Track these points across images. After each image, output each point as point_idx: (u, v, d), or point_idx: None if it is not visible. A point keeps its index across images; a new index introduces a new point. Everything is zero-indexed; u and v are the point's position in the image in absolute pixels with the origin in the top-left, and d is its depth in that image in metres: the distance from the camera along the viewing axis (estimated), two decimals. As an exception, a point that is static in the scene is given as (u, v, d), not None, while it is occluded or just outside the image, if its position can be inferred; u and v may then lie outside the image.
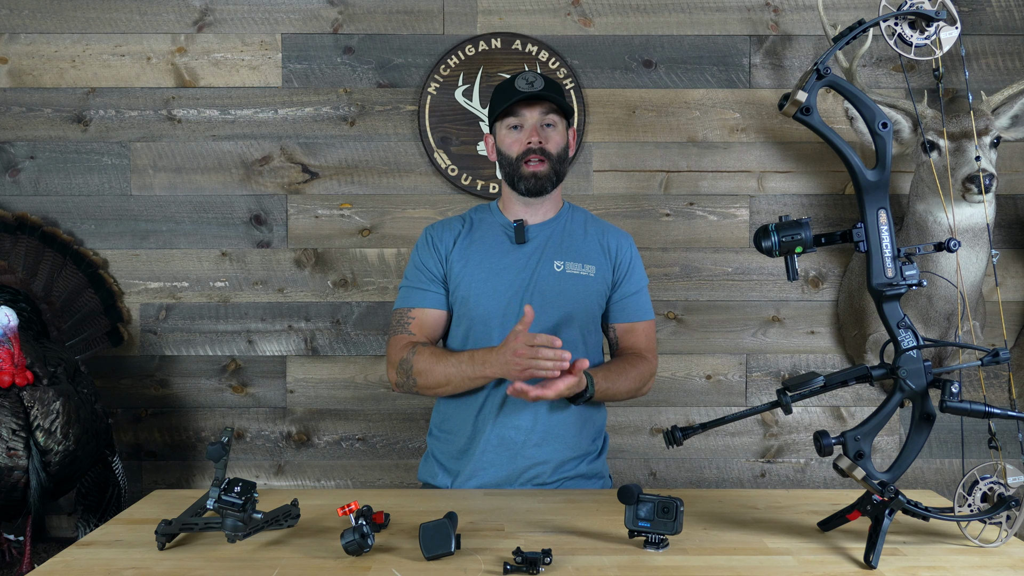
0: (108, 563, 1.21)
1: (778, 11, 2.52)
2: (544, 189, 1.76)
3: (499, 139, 1.79)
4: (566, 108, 1.77)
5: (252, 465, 2.57)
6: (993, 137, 2.18)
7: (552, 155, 1.75)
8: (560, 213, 1.85)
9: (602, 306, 1.83)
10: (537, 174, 1.74)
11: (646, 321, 1.86)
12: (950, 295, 2.23)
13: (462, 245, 1.81)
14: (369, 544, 1.21)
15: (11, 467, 1.95)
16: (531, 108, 1.74)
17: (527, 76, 1.75)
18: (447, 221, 1.87)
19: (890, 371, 1.25)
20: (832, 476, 2.57)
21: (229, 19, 2.51)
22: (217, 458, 1.27)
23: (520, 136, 1.76)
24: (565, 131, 1.80)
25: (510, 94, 1.74)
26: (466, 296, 1.77)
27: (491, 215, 1.86)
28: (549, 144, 1.75)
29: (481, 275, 1.77)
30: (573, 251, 1.80)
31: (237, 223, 2.54)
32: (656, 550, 1.26)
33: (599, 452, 1.85)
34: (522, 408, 1.74)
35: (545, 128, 1.76)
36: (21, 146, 2.52)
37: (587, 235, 1.84)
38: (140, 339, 2.54)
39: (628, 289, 1.84)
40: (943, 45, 1.26)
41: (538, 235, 1.80)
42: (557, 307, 1.76)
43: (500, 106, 1.76)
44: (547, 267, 1.77)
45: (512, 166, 1.77)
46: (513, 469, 1.74)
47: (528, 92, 1.72)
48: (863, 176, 1.23)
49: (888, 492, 1.21)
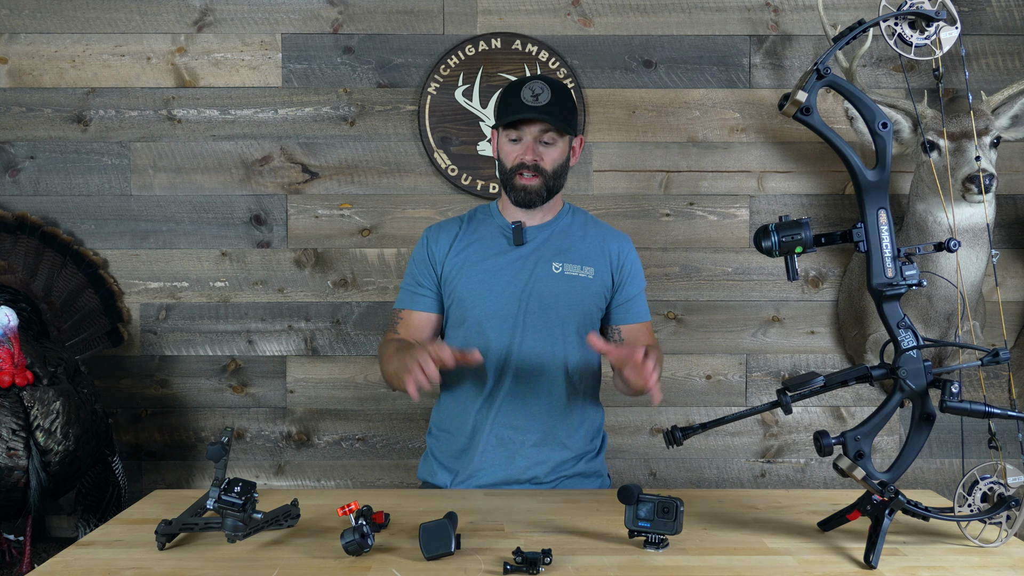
0: (108, 563, 1.21)
1: (778, 11, 2.52)
2: (533, 203, 1.76)
3: (500, 144, 1.79)
4: (566, 130, 1.75)
5: (252, 465, 2.57)
6: (993, 137, 2.18)
7: (547, 172, 1.75)
8: (559, 215, 1.85)
9: (601, 308, 1.83)
10: (527, 188, 1.74)
11: (647, 322, 1.87)
12: (950, 295, 2.23)
13: (459, 245, 1.81)
14: (369, 544, 1.21)
15: (11, 467, 1.95)
16: (531, 124, 1.73)
17: (534, 87, 1.71)
18: (446, 222, 1.88)
19: (890, 371, 1.25)
20: (832, 476, 2.57)
21: (229, 19, 2.51)
22: (217, 458, 1.27)
23: (518, 149, 1.75)
24: (567, 145, 1.78)
25: (513, 106, 1.72)
26: (463, 296, 1.78)
27: (490, 217, 1.86)
28: (544, 161, 1.74)
29: (479, 276, 1.77)
30: (572, 253, 1.80)
31: (237, 223, 2.54)
32: (656, 550, 1.26)
33: (597, 451, 1.85)
34: (520, 408, 1.74)
35: (543, 145, 1.74)
36: (21, 146, 2.52)
37: (587, 237, 1.83)
38: (140, 339, 2.54)
39: (631, 291, 1.84)
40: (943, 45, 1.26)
41: (536, 237, 1.80)
42: (556, 308, 1.76)
43: (503, 117, 1.74)
44: (545, 269, 1.77)
45: (506, 175, 1.77)
46: (512, 469, 1.74)
47: (530, 109, 1.69)
48: (863, 176, 1.22)
49: (888, 492, 1.21)
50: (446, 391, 1.85)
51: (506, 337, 1.75)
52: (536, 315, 1.75)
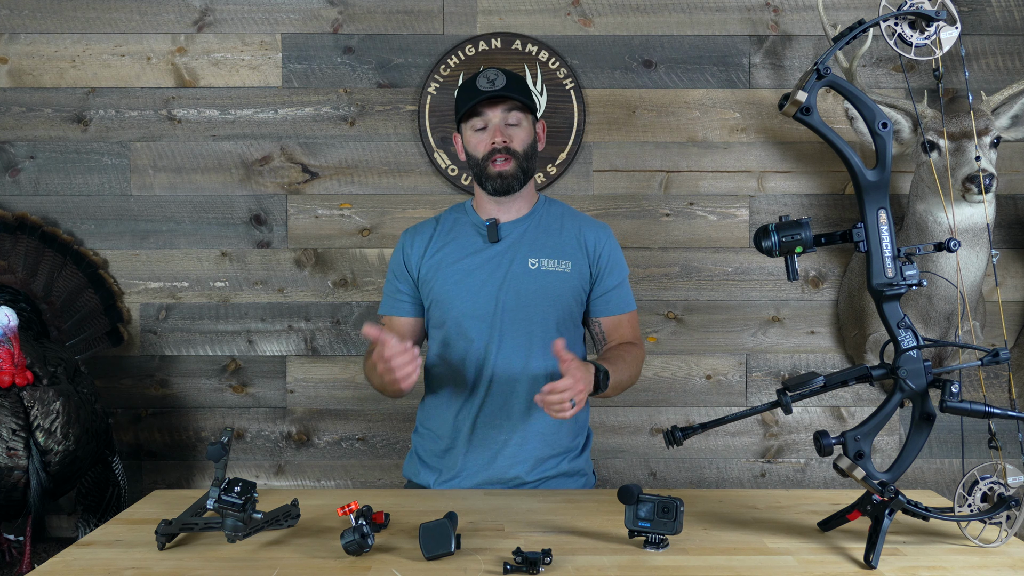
0: (108, 563, 1.21)
1: (778, 11, 2.52)
2: (511, 188, 1.75)
3: (466, 140, 1.79)
4: (529, 105, 1.76)
5: (252, 465, 2.57)
6: (993, 137, 2.18)
7: (518, 153, 1.74)
8: (534, 209, 1.83)
9: (581, 301, 1.81)
10: (503, 173, 1.73)
11: (630, 312, 1.84)
12: (950, 295, 2.23)
13: (435, 247, 1.81)
14: (369, 544, 1.21)
15: (11, 467, 1.95)
16: (493, 108, 1.73)
17: (487, 74, 1.73)
18: (421, 225, 1.87)
19: (890, 371, 1.25)
20: (832, 476, 2.57)
21: (229, 19, 2.51)
22: (217, 458, 1.27)
23: (485, 136, 1.75)
24: (531, 127, 1.78)
25: (472, 94, 1.73)
26: (440, 297, 1.77)
27: (465, 215, 1.85)
28: (514, 142, 1.74)
29: (455, 276, 1.77)
30: (548, 247, 1.78)
31: (237, 223, 2.54)
32: (656, 550, 1.26)
33: (581, 449, 1.83)
34: (501, 406, 1.74)
35: (509, 127, 1.75)
36: (21, 146, 2.52)
37: (563, 230, 1.81)
38: (140, 339, 2.54)
39: (610, 283, 1.81)
40: (943, 45, 1.26)
41: (511, 232, 1.79)
42: (533, 305, 1.75)
43: (463, 107, 1.75)
44: (521, 265, 1.76)
45: (479, 166, 1.76)
46: (493, 468, 1.74)
47: (489, 92, 1.70)
48: (863, 176, 1.22)
49: (888, 492, 1.21)
50: (429, 391, 1.85)
51: (485, 336, 1.74)
52: (513, 313, 1.74)
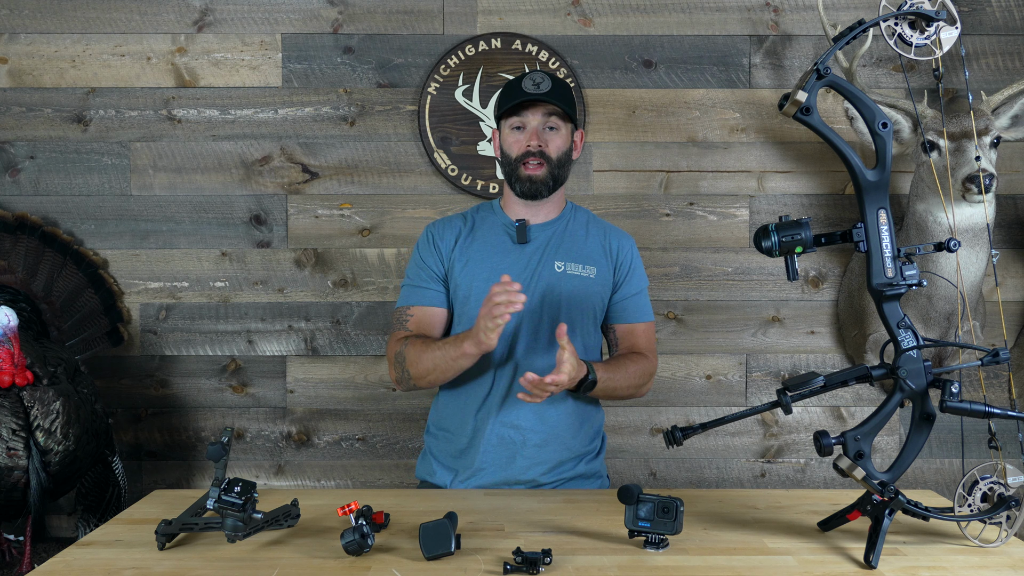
0: (108, 563, 1.21)
1: (778, 11, 2.52)
2: (539, 193, 1.76)
3: (503, 138, 1.80)
4: (570, 113, 1.77)
5: (252, 465, 2.57)
6: (993, 137, 2.18)
7: (552, 159, 1.75)
8: (563, 214, 1.85)
9: (603, 308, 1.83)
10: (533, 178, 1.74)
11: (646, 322, 1.86)
12: (950, 295, 2.23)
13: (463, 244, 1.81)
14: (369, 544, 1.21)
15: (11, 467, 1.95)
16: (534, 110, 1.74)
17: (535, 77, 1.75)
18: (449, 219, 1.87)
19: (890, 371, 1.25)
20: (832, 476, 2.57)
21: (229, 19, 2.51)
22: (217, 458, 1.27)
23: (521, 137, 1.76)
24: (569, 134, 1.80)
25: (516, 94, 1.74)
26: (467, 295, 1.77)
27: (493, 214, 1.85)
28: (549, 148, 1.75)
29: (482, 274, 1.77)
30: (574, 252, 1.80)
31: (237, 223, 2.54)
32: (656, 550, 1.26)
33: (597, 452, 1.85)
34: (521, 408, 1.74)
35: (547, 131, 1.76)
36: (21, 146, 2.52)
37: (589, 236, 1.84)
38: (140, 339, 2.54)
39: (629, 291, 1.84)
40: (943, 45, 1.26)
41: (539, 235, 1.80)
42: (557, 308, 1.76)
43: (505, 105, 1.76)
44: (548, 267, 1.77)
45: (511, 166, 1.77)
46: (512, 469, 1.74)
47: (532, 95, 1.72)
48: (863, 176, 1.23)
49: (888, 492, 1.21)
50: (445, 390, 1.85)
51: (508, 336, 1.75)
52: (537, 314, 1.75)
